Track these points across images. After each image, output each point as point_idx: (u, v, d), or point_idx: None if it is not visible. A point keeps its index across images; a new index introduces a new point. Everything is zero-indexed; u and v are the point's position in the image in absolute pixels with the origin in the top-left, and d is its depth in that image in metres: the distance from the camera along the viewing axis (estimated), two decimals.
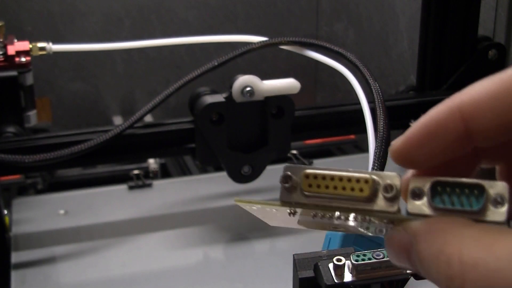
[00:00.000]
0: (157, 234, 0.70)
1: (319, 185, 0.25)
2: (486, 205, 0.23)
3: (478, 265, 0.21)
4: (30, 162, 0.61)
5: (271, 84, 0.65)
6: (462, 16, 0.74)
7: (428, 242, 0.22)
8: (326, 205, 0.25)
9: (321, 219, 0.26)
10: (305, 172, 0.25)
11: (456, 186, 0.23)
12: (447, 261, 0.21)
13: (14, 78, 0.68)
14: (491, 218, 0.23)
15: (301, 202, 0.25)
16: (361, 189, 0.24)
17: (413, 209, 0.24)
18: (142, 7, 1.13)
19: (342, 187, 0.25)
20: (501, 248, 0.20)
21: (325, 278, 0.42)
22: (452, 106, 0.23)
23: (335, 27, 1.17)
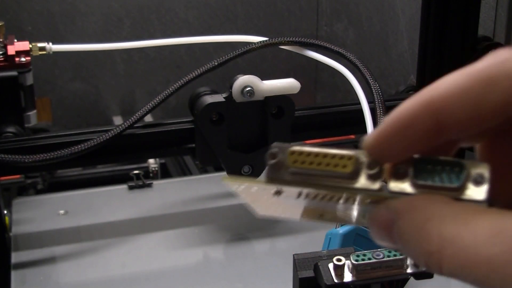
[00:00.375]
0: (157, 234, 0.70)
1: (304, 161, 0.25)
2: (466, 183, 0.23)
3: (455, 241, 0.21)
4: (30, 162, 0.61)
5: (271, 84, 0.65)
6: (462, 16, 0.74)
7: (409, 219, 0.23)
8: (310, 182, 0.25)
9: (304, 199, 0.26)
10: (290, 149, 0.25)
11: (438, 163, 0.24)
12: (427, 237, 0.22)
13: (14, 78, 0.68)
14: (471, 196, 0.23)
15: (286, 178, 0.25)
16: (344, 165, 0.25)
17: (395, 187, 0.24)
18: (142, 7, 1.13)
19: (326, 164, 0.25)
20: (478, 225, 0.21)
21: (325, 278, 0.42)
22: (422, 101, 0.24)
23: (335, 27, 1.17)
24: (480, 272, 0.20)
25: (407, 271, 0.43)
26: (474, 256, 0.21)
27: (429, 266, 0.22)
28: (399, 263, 0.43)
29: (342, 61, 0.67)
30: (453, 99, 0.23)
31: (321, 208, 0.27)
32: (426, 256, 0.22)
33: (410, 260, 0.43)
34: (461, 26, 0.74)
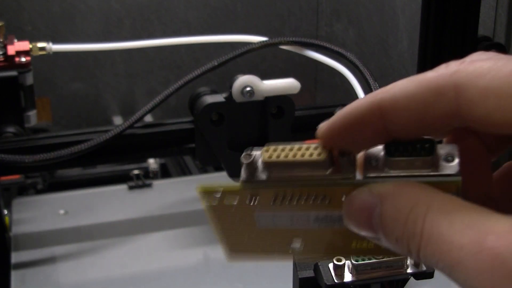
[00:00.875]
0: (157, 234, 0.70)
1: (278, 155, 0.25)
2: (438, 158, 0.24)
3: (434, 226, 0.22)
4: (30, 162, 0.61)
5: (271, 84, 0.65)
6: (462, 16, 0.74)
7: (397, 202, 0.23)
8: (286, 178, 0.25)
9: (281, 206, 0.26)
10: (265, 146, 0.26)
11: (408, 144, 0.25)
12: (414, 220, 0.23)
13: (14, 78, 0.68)
14: (444, 171, 0.24)
15: (262, 177, 0.25)
16: (319, 153, 0.25)
17: (371, 173, 0.25)
18: (142, 7, 1.13)
19: (301, 154, 0.25)
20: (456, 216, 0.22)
21: (325, 278, 0.42)
22: (371, 101, 0.25)
23: (335, 27, 1.17)
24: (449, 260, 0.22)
25: (407, 271, 0.43)
26: (447, 243, 0.22)
27: (410, 249, 0.23)
28: (399, 263, 0.43)
29: (342, 61, 0.67)
30: (401, 104, 0.24)
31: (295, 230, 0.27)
32: (409, 237, 0.23)
33: (410, 260, 0.43)
34: (461, 26, 0.74)
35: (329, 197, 0.25)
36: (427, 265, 0.23)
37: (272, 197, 0.26)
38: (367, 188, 0.24)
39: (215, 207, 0.26)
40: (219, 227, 0.27)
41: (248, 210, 0.26)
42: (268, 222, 0.27)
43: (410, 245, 0.23)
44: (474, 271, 0.21)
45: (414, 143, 0.24)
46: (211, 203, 0.26)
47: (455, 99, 0.23)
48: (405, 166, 0.24)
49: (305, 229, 0.27)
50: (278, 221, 0.26)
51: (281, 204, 0.26)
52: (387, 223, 0.24)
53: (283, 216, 0.26)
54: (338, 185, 0.25)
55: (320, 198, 0.25)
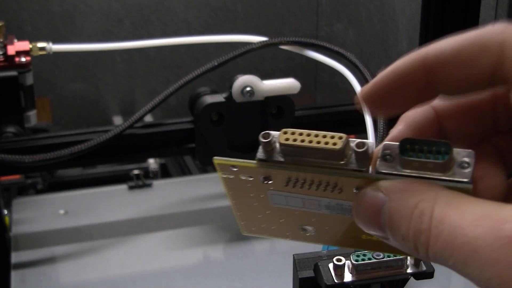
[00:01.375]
0: (157, 234, 0.70)
1: (295, 139, 0.26)
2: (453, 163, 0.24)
3: (444, 221, 0.22)
4: (30, 162, 0.61)
5: (271, 84, 0.65)
6: (462, 16, 0.74)
7: (404, 199, 0.23)
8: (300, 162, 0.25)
9: (293, 189, 0.26)
10: (283, 129, 0.26)
11: (424, 144, 0.24)
12: (420, 216, 0.22)
13: (14, 78, 0.68)
14: (457, 177, 0.24)
15: (277, 158, 0.26)
16: (334, 143, 0.25)
17: (383, 168, 0.25)
18: (142, 7, 1.13)
19: (316, 142, 0.25)
20: (467, 209, 0.22)
21: (325, 278, 0.42)
22: (417, 59, 0.25)
23: (335, 27, 1.17)
24: (462, 253, 0.21)
25: (407, 271, 0.43)
26: (460, 236, 0.21)
27: (418, 247, 0.23)
28: (399, 263, 0.43)
29: (342, 61, 0.67)
30: (446, 57, 0.24)
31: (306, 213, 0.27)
32: (416, 234, 0.22)
33: (410, 260, 0.43)
34: (461, 26, 0.74)
35: (340, 187, 0.25)
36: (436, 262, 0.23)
37: (285, 180, 0.26)
38: (376, 185, 0.24)
39: (231, 179, 0.27)
40: (235, 200, 0.28)
41: (262, 188, 0.27)
42: (280, 201, 0.27)
43: (417, 242, 0.22)
44: (491, 261, 0.20)
45: (431, 145, 0.24)
46: (227, 176, 0.27)
47: (499, 56, 0.23)
48: (418, 167, 0.24)
49: (317, 213, 0.27)
50: (290, 201, 0.27)
51: (294, 187, 0.26)
52: (393, 220, 0.23)
53: (295, 198, 0.26)
54: (350, 176, 0.25)
55: (331, 186, 0.26)
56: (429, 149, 0.24)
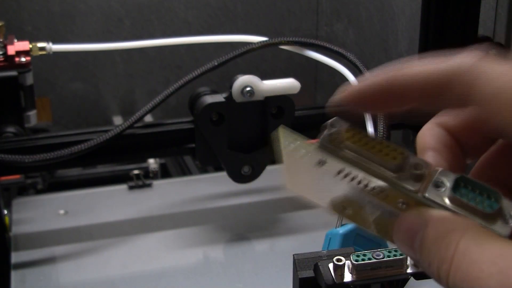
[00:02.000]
0: (157, 234, 0.70)
1: (358, 140, 0.26)
2: (498, 214, 0.25)
3: (465, 254, 0.23)
4: (30, 162, 0.61)
5: (271, 84, 0.65)
6: (462, 16, 0.74)
7: (436, 228, 0.24)
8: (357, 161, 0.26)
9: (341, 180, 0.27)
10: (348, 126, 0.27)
11: (477, 187, 0.25)
12: (447, 246, 0.23)
13: (14, 78, 0.68)
14: (497, 229, 0.24)
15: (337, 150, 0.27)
16: (394, 157, 0.26)
17: (431, 196, 0.25)
18: (142, 7, 1.13)
19: (378, 150, 0.26)
20: (487, 246, 0.23)
21: (325, 278, 0.42)
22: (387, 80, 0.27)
23: (335, 27, 1.17)
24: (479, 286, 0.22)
25: (407, 271, 0.43)
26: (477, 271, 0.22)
27: (440, 274, 0.24)
28: (399, 263, 0.43)
29: (342, 61, 0.67)
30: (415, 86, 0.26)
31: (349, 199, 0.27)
32: (440, 262, 0.23)
33: (410, 260, 0.43)
34: (461, 26, 0.74)
35: (386, 194, 0.26)
36: None
37: (338, 170, 0.27)
38: (420, 210, 0.25)
39: (289, 151, 0.28)
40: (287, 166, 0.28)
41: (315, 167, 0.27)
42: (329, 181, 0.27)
43: (440, 270, 0.23)
44: None
45: (483, 189, 0.25)
46: (286, 147, 0.28)
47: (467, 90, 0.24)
48: (464, 207, 0.25)
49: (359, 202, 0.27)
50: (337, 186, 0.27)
51: (343, 178, 0.27)
52: (425, 247, 0.24)
53: (343, 186, 0.27)
54: (399, 191, 0.26)
55: (379, 190, 0.26)
56: (481, 191, 0.25)
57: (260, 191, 0.75)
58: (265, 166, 0.69)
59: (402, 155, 0.26)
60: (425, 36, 0.76)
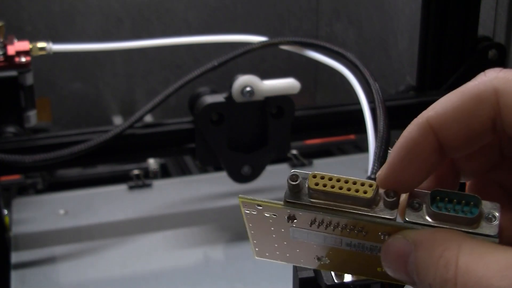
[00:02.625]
0: (157, 234, 0.70)
1: (325, 184, 0.26)
2: (481, 217, 0.24)
3: (469, 271, 0.22)
4: (30, 162, 0.61)
5: (271, 84, 0.65)
6: (462, 16, 0.74)
7: (429, 248, 0.24)
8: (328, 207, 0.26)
9: (317, 229, 0.26)
10: (312, 172, 0.26)
11: (454, 196, 0.25)
12: (445, 265, 0.23)
13: (14, 78, 0.68)
14: (484, 231, 0.24)
15: (305, 201, 0.26)
16: (365, 191, 0.25)
17: (411, 217, 0.25)
18: (142, 7, 1.13)
19: (347, 188, 0.26)
20: (492, 259, 0.22)
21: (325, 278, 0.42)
22: (421, 123, 0.25)
23: (335, 27, 1.17)
24: None
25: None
26: (486, 286, 0.22)
27: None
28: None
29: (342, 61, 0.67)
30: (448, 117, 0.25)
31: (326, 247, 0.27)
32: (443, 283, 0.23)
33: None
34: (461, 26, 0.74)
35: (366, 231, 0.26)
36: None
37: (310, 221, 0.26)
38: (402, 234, 0.25)
39: (253, 215, 0.27)
40: (254, 232, 0.28)
41: (284, 224, 0.27)
42: (301, 236, 0.27)
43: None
44: None
45: (460, 198, 0.25)
46: (251, 212, 0.27)
47: (495, 103, 0.24)
48: (447, 220, 0.25)
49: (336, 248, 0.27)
50: (311, 237, 0.27)
51: (318, 227, 0.26)
52: (420, 269, 0.24)
53: (317, 235, 0.27)
54: (378, 224, 0.25)
55: (357, 229, 0.26)
56: (459, 201, 0.25)
57: (260, 191, 0.75)
58: (265, 166, 0.69)
59: (371, 187, 0.25)
60: (425, 36, 0.76)
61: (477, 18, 0.75)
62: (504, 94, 0.24)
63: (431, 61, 0.76)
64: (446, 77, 0.76)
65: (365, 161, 0.54)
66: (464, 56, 0.75)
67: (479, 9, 0.75)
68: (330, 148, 0.98)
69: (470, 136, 0.25)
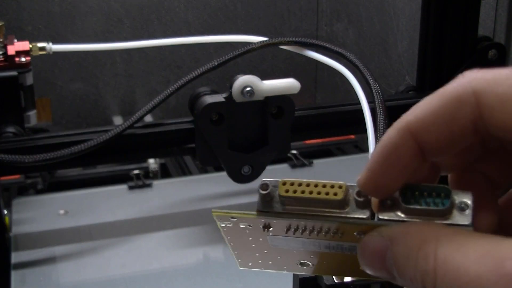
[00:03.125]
0: (157, 234, 0.70)
1: (295, 190, 0.26)
2: (452, 207, 0.24)
3: (447, 261, 0.22)
4: (30, 162, 0.61)
5: (271, 84, 0.65)
6: (462, 16, 0.74)
7: (405, 242, 0.24)
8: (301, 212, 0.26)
9: (293, 235, 0.26)
10: (282, 180, 0.26)
11: (424, 189, 0.25)
12: (425, 257, 0.23)
13: (14, 78, 0.68)
14: (457, 221, 0.24)
15: (277, 210, 0.26)
16: (335, 193, 0.26)
17: (384, 215, 0.25)
18: (142, 7, 1.13)
19: (317, 192, 0.26)
20: (469, 248, 0.22)
21: (325, 278, 0.42)
22: (400, 128, 0.25)
23: (335, 27, 1.17)
24: None
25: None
26: (464, 275, 0.22)
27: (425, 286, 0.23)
28: None
29: (342, 61, 0.67)
30: (427, 120, 0.25)
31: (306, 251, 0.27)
32: (423, 275, 0.23)
33: None
34: (461, 26, 0.74)
35: (341, 232, 0.26)
36: None
37: (285, 227, 0.26)
38: (377, 231, 0.25)
39: (229, 227, 0.27)
40: (233, 243, 0.28)
41: (261, 233, 0.27)
42: (280, 243, 0.27)
43: (425, 283, 0.23)
44: None
45: (430, 190, 0.25)
46: (226, 225, 0.27)
47: (476, 105, 0.24)
48: (419, 213, 0.25)
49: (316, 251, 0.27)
50: (290, 243, 0.27)
51: (294, 233, 0.27)
52: (399, 264, 0.24)
53: (295, 241, 0.27)
54: (352, 224, 0.25)
55: (332, 231, 0.26)
56: (430, 193, 0.25)
57: None
58: (265, 166, 0.69)
59: (341, 188, 0.26)
60: (425, 36, 0.76)
61: (477, 18, 0.75)
62: (484, 95, 0.24)
63: (431, 61, 0.76)
64: (446, 77, 0.76)
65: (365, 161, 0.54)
66: (464, 56, 0.75)
67: (479, 9, 0.75)
68: (330, 148, 0.98)
69: (451, 139, 0.25)
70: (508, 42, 0.78)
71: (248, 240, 0.28)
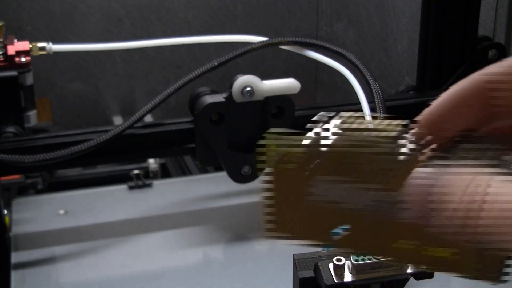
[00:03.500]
0: (157, 234, 0.70)
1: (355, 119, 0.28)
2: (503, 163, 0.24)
3: (499, 195, 0.22)
4: (30, 162, 0.61)
5: (271, 84, 0.65)
6: (462, 16, 0.74)
7: (460, 174, 0.23)
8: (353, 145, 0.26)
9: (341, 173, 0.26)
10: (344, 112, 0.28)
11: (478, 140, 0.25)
12: (476, 187, 0.22)
13: (14, 78, 0.68)
14: None
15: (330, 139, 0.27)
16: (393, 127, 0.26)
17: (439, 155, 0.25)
18: (142, 7, 1.13)
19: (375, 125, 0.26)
20: None
21: (325, 278, 0.42)
22: (474, 81, 0.25)
23: (335, 27, 1.17)
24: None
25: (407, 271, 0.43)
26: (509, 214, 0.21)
27: (467, 218, 0.22)
28: None
29: (342, 61, 0.67)
30: (503, 80, 0.25)
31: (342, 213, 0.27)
32: (469, 203, 0.22)
33: None
34: (461, 26, 0.74)
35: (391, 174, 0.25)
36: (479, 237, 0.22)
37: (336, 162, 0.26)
38: (433, 164, 0.24)
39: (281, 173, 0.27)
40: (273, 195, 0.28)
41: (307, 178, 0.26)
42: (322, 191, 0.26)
43: (469, 213, 0.22)
44: None
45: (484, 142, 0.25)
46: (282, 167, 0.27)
47: None
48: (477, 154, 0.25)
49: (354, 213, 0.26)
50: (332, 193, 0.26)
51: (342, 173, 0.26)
52: (446, 191, 0.23)
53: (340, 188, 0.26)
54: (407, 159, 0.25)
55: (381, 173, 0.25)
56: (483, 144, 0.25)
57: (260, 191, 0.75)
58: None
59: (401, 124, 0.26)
60: (425, 36, 0.76)
61: (477, 18, 0.75)
62: None
63: (431, 61, 0.76)
64: (446, 77, 0.76)
65: None
66: (464, 56, 0.75)
67: (479, 9, 0.75)
68: None
69: None
70: (508, 42, 0.78)
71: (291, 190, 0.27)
